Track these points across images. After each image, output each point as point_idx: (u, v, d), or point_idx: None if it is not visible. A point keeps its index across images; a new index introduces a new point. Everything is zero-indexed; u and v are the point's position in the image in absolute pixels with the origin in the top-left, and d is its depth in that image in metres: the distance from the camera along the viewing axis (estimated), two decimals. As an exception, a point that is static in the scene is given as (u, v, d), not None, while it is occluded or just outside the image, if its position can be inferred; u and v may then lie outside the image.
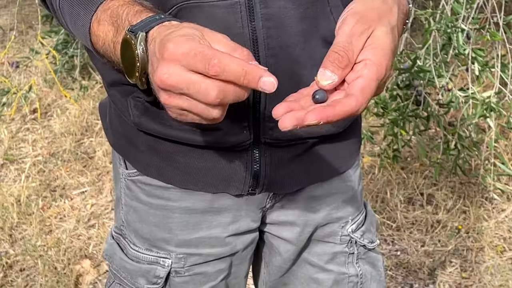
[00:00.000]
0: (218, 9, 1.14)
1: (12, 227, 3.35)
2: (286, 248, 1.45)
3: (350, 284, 1.49)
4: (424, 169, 3.67)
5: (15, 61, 4.89)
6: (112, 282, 1.47)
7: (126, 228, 1.43)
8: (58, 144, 4.03)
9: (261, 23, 1.16)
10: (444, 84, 2.94)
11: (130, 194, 1.40)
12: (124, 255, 1.43)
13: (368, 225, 1.50)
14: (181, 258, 1.38)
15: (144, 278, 1.40)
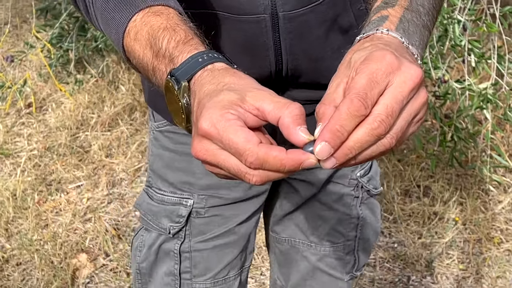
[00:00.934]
0: (244, 24, 1.27)
1: (8, 222, 3.34)
2: (306, 188, 1.58)
3: (351, 225, 1.63)
4: (421, 161, 3.66)
5: (10, 56, 4.87)
6: (140, 229, 1.63)
7: (153, 177, 1.57)
8: (54, 138, 4.02)
9: (285, 35, 1.29)
10: (441, 75, 2.93)
11: (157, 144, 1.55)
12: (151, 200, 1.57)
13: (373, 173, 1.63)
14: (202, 198, 1.51)
15: (168, 218, 1.53)
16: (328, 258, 1.68)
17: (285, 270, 1.75)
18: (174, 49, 0.98)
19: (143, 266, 1.61)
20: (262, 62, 1.32)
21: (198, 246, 1.56)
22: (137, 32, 1.03)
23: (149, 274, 1.61)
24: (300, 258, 1.70)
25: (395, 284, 2.98)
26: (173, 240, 1.55)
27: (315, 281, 1.72)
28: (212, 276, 1.59)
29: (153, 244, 1.58)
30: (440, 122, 3.00)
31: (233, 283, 1.63)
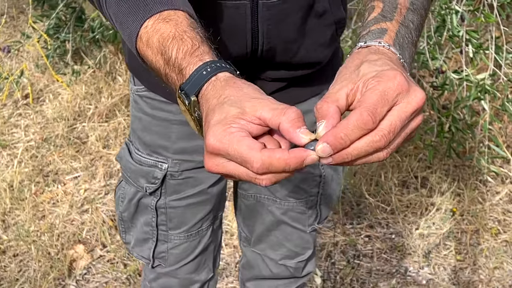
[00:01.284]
0: (226, 9, 1.37)
1: (5, 213, 3.34)
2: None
3: (314, 183, 1.76)
4: (418, 152, 3.66)
5: (7, 46, 4.85)
6: (121, 180, 1.77)
7: (132, 135, 1.69)
8: (51, 129, 4.01)
9: (263, 21, 1.40)
10: (438, 66, 2.92)
11: (137, 106, 1.65)
12: (130, 158, 1.69)
13: None
14: (176, 163, 1.63)
15: (144, 178, 1.66)
16: (292, 212, 1.81)
17: (250, 222, 1.89)
18: (182, 60, 1.03)
19: (124, 215, 1.78)
20: (240, 43, 1.42)
21: (172, 203, 1.70)
22: (148, 38, 1.08)
23: (131, 221, 1.78)
24: (265, 212, 1.83)
25: (392, 275, 2.98)
26: (150, 197, 1.69)
27: (279, 232, 1.86)
28: (186, 229, 1.74)
29: (133, 198, 1.72)
30: (438, 113, 2.99)
31: (206, 232, 1.79)
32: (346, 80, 0.97)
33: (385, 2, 1.15)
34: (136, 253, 1.82)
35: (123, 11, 1.14)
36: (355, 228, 3.24)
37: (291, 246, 1.89)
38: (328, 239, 3.15)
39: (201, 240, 1.79)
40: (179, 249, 1.77)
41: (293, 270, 1.94)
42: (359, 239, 3.17)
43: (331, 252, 3.09)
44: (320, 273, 2.95)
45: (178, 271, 1.82)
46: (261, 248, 1.92)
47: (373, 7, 1.16)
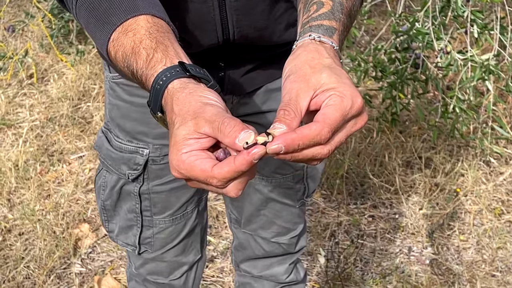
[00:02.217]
0: (192, 4, 1.39)
1: (10, 192, 3.35)
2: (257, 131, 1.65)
3: None
4: (422, 132, 3.66)
5: (11, 26, 4.85)
6: (101, 169, 1.75)
7: (111, 123, 1.67)
8: (55, 109, 4.02)
9: (231, 11, 1.41)
10: (443, 46, 2.92)
11: (114, 94, 1.64)
12: (110, 146, 1.68)
13: None
14: (157, 148, 1.63)
15: (126, 165, 1.65)
16: (280, 188, 1.82)
17: (239, 203, 1.89)
18: (141, 75, 1.09)
19: (107, 203, 1.77)
20: (210, 35, 1.44)
21: (156, 188, 1.69)
22: (115, 53, 1.13)
23: (113, 209, 1.77)
24: (253, 191, 1.83)
25: (396, 255, 2.99)
26: (133, 183, 1.68)
27: (268, 210, 1.86)
28: (170, 213, 1.74)
29: (115, 186, 1.71)
30: (442, 94, 2.99)
31: (191, 215, 1.79)
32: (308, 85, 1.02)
33: (334, 2, 1.19)
34: (120, 241, 1.81)
35: (92, 23, 1.18)
36: (359, 208, 3.25)
37: (282, 222, 1.90)
38: (332, 219, 3.17)
39: (186, 222, 1.79)
40: (165, 233, 1.77)
41: (286, 247, 1.95)
42: (363, 219, 3.18)
43: (335, 232, 3.10)
44: (324, 253, 2.96)
45: (165, 254, 1.82)
46: (252, 228, 1.92)
47: (322, 3, 1.19)
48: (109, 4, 1.15)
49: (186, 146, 0.96)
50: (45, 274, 2.88)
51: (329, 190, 3.33)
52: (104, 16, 1.15)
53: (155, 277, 1.88)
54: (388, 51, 3.06)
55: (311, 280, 2.88)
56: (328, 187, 3.34)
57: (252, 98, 1.66)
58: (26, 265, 2.93)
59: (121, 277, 2.88)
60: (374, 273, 2.92)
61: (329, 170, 3.38)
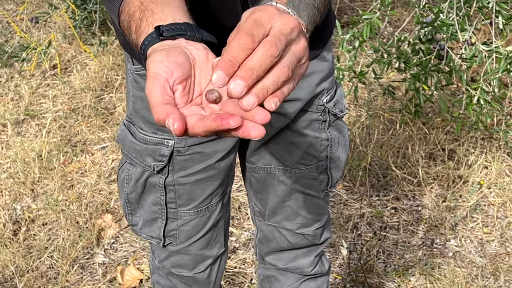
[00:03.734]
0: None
1: (34, 182, 3.38)
2: (279, 120, 1.70)
3: (322, 147, 1.78)
4: (446, 124, 3.65)
5: (35, 17, 4.87)
6: (124, 162, 1.75)
7: (135, 116, 1.67)
8: (78, 100, 4.04)
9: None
10: (467, 38, 2.90)
11: (137, 86, 1.63)
12: (133, 138, 1.68)
13: (338, 97, 1.77)
14: (182, 139, 1.62)
15: (151, 157, 1.65)
16: (303, 179, 1.82)
17: (263, 196, 1.88)
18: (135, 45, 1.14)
19: (131, 196, 1.76)
20: (231, 16, 1.41)
21: (181, 180, 1.69)
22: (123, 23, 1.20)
23: (138, 203, 1.77)
24: (277, 183, 1.83)
25: (418, 247, 2.99)
26: (158, 175, 1.68)
27: (292, 201, 1.86)
28: (195, 205, 1.73)
29: (140, 179, 1.71)
30: (466, 85, 2.98)
31: (216, 208, 1.78)
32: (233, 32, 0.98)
33: None
34: (144, 234, 1.81)
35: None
36: (382, 200, 3.24)
37: (307, 213, 1.89)
38: (354, 211, 3.16)
39: (211, 215, 1.78)
40: (190, 225, 1.77)
41: (311, 238, 1.95)
42: (386, 211, 3.18)
43: (358, 224, 3.09)
44: (346, 245, 2.96)
45: (189, 247, 1.81)
46: (277, 220, 1.91)
47: None
48: None
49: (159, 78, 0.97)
50: (69, 264, 2.90)
51: (351, 182, 3.32)
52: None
53: (179, 270, 1.88)
54: (412, 42, 3.04)
55: (334, 272, 2.87)
56: (351, 179, 3.33)
57: None
58: (49, 255, 2.95)
59: (143, 268, 2.90)
60: (396, 265, 2.91)
61: (352, 162, 3.37)
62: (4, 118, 3.88)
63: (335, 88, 1.78)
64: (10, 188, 3.33)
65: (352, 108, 3.82)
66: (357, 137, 3.54)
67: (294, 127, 1.74)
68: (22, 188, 3.33)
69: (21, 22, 4.98)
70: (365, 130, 3.59)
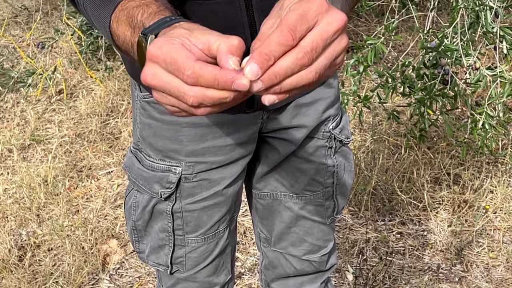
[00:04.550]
0: (219, 6, 1.39)
1: (40, 207, 3.38)
2: (286, 147, 1.70)
3: (328, 173, 1.78)
4: (451, 149, 3.64)
5: (41, 42, 4.90)
6: (131, 189, 1.74)
7: (142, 143, 1.67)
8: (84, 125, 4.05)
9: (258, 13, 1.41)
10: (472, 63, 2.91)
11: (145, 113, 1.63)
12: (141, 165, 1.68)
13: (344, 123, 1.78)
14: (190, 165, 1.63)
15: (159, 184, 1.65)
16: (310, 205, 1.82)
17: (268, 222, 1.88)
18: (146, 19, 1.08)
19: (138, 223, 1.76)
20: None
21: (188, 207, 1.69)
22: (118, 19, 1.15)
23: (145, 230, 1.76)
24: (283, 209, 1.83)
25: (424, 272, 2.98)
26: (165, 202, 1.68)
27: (298, 228, 1.86)
28: (203, 232, 1.73)
29: (147, 206, 1.71)
30: (471, 110, 2.98)
31: (223, 234, 1.78)
32: (274, 17, 0.97)
33: None
34: (151, 262, 1.81)
35: (96, 6, 1.21)
36: (387, 224, 3.23)
37: (313, 240, 1.89)
38: (360, 235, 3.16)
39: (218, 242, 1.78)
40: (197, 252, 1.77)
41: (318, 264, 1.94)
42: (391, 235, 3.17)
43: (363, 249, 3.09)
44: (352, 270, 2.95)
45: (197, 274, 1.81)
46: (283, 247, 1.91)
47: None
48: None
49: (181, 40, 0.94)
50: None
51: (357, 207, 3.32)
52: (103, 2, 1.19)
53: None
54: (417, 67, 3.05)
55: (339, 297, 2.87)
56: (356, 204, 3.33)
57: (282, 113, 1.66)
58: (55, 280, 2.94)
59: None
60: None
61: (357, 186, 3.37)
62: (10, 143, 3.89)
63: (340, 115, 1.78)
64: (15, 214, 3.34)
65: (357, 132, 3.82)
66: (362, 161, 3.54)
67: (300, 154, 1.74)
68: (28, 213, 3.33)
69: (27, 48, 5.01)
70: (370, 155, 3.59)
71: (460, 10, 2.90)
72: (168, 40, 0.93)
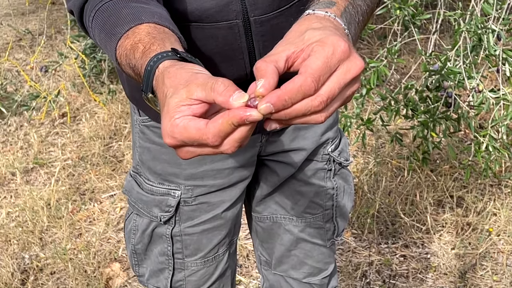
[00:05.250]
0: (218, 30, 1.40)
1: (42, 231, 3.37)
2: (285, 169, 1.71)
3: (328, 196, 1.78)
4: (454, 171, 3.64)
5: (44, 66, 4.92)
6: (131, 213, 1.75)
7: (141, 166, 1.68)
8: (87, 148, 4.05)
9: (257, 38, 1.43)
10: (475, 85, 2.91)
11: (144, 137, 1.65)
12: (140, 189, 1.69)
13: (343, 146, 1.79)
14: (189, 189, 1.63)
15: (158, 207, 1.66)
16: (310, 228, 1.82)
17: (269, 245, 1.88)
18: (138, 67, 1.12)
19: (138, 247, 1.76)
20: (238, 65, 1.46)
21: (187, 230, 1.69)
22: (120, 56, 1.18)
23: (144, 253, 1.77)
24: (283, 232, 1.83)
25: (428, 295, 2.97)
26: (164, 225, 1.68)
27: (298, 251, 1.86)
28: (202, 255, 1.73)
29: (146, 229, 1.71)
30: (474, 132, 2.98)
31: (223, 258, 1.78)
32: (290, 43, 1.00)
33: None
34: (151, 285, 1.81)
35: (103, 38, 1.24)
36: (390, 247, 3.22)
37: (313, 262, 1.89)
38: (363, 258, 3.15)
39: (218, 265, 1.78)
40: (197, 275, 1.77)
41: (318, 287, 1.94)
42: (394, 258, 3.16)
43: (366, 272, 3.07)
44: (355, 293, 2.94)
45: None
46: (283, 269, 1.91)
47: None
48: (116, 18, 1.21)
49: (179, 112, 0.96)
50: (76, 314, 2.89)
51: (359, 230, 3.31)
52: (112, 28, 1.21)
53: None
54: (419, 90, 3.06)
55: (343, 321, 2.86)
56: (359, 226, 3.32)
57: (281, 136, 1.67)
58: (57, 304, 2.94)
59: (152, 317, 2.88)
60: (406, 313, 2.89)
61: (360, 209, 3.36)
62: (13, 166, 3.89)
63: (339, 137, 1.79)
64: (18, 237, 3.33)
65: (360, 155, 3.82)
66: (365, 184, 3.54)
67: (300, 176, 1.74)
68: (31, 237, 3.32)
69: (31, 71, 5.02)
70: (373, 177, 3.59)
71: (462, 33, 2.91)
72: (172, 124, 0.95)
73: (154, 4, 1.26)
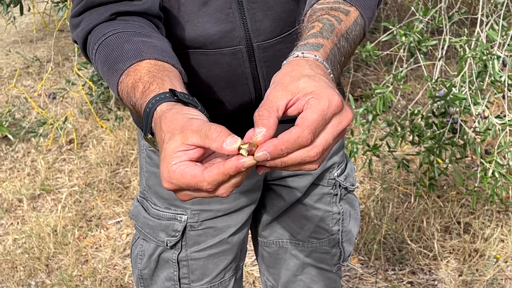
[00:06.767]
0: (222, 57, 1.43)
1: (49, 257, 3.37)
2: (291, 194, 1.73)
3: (334, 221, 1.78)
4: (461, 197, 3.63)
5: (52, 93, 4.94)
6: (137, 238, 1.75)
7: (148, 191, 1.69)
8: (94, 174, 4.06)
9: (261, 63, 1.46)
10: (480, 111, 2.92)
11: (151, 162, 1.66)
12: (147, 214, 1.69)
13: (349, 171, 1.80)
14: (195, 214, 1.64)
15: (164, 232, 1.66)
16: (316, 253, 1.82)
17: (275, 270, 1.88)
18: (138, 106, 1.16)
19: (144, 272, 1.76)
20: (242, 91, 1.49)
21: (194, 255, 1.69)
22: (122, 92, 1.22)
23: (151, 279, 1.76)
24: (289, 257, 1.83)
25: (435, 322, 2.95)
26: (171, 250, 1.69)
27: (305, 276, 1.86)
28: (208, 281, 1.73)
29: (153, 254, 1.71)
30: (481, 158, 2.98)
31: (229, 283, 1.78)
32: (286, 90, 1.04)
33: (324, 24, 1.22)
34: None
35: (106, 72, 1.27)
36: (397, 274, 3.21)
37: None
38: (370, 285, 3.13)
39: None
40: None
41: None
42: (401, 285, 3.15)
43: (373, 299, 3.06)
44: (362, 320, 2.93)
45: None
46: None
47: (312, 27, 1.22)
48: (118, 53, 1.25)
49: (175, 158, 0.99)
50: None
51: (366, 256, 3.30)
52: (114, 64, 1.24)
53: None
54: (425, 116, 3.06)
55: None
56: (366, 253, 3.31)
57: None
58: (63, 331, 2.93)
59: None
60: None
61: (367, 235, 3.36)
62: (20, 193, 3.90)
63: (345, 162, 1.80)
64: (25, 264, 3.33)
65: (366, 181, 3.82)
66: (372, 210, 3.53)
67: (306, 201, 1.75)
68: (37, 263, 3.32)
69: (38, 98, 5.05)
70: (380, 203, 3.59)
71: (468, 59, 2.92)
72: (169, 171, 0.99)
73: (156, 37, 1.29)
